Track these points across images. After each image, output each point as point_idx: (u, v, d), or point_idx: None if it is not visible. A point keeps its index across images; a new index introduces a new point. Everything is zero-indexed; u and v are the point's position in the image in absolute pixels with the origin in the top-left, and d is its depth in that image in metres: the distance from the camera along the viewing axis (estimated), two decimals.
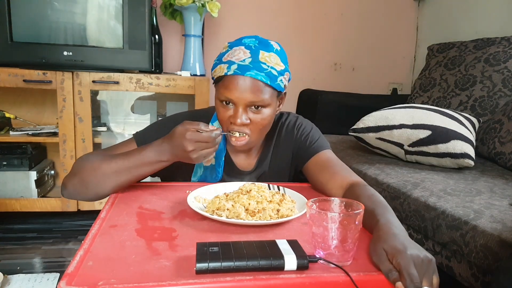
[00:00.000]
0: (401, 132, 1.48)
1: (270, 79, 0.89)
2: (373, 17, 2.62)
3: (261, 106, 0.90)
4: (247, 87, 0.87)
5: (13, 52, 1.77)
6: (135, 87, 1.89)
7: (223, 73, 0.89)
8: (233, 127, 0.92)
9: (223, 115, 0.92)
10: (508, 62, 1.73)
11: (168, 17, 2.11)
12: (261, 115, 0.91)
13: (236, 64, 0.88)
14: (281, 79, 0.92)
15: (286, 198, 0.82)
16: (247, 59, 0.88)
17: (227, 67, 0.89)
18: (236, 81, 0.87)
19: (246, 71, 0.87)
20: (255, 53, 0.89)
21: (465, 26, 2.27)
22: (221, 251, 0.58)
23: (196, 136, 0.81)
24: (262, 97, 0.89)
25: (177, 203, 0.85)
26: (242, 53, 0.89)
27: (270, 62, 0.90)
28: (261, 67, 0.88)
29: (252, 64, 0.88)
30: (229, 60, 0.90)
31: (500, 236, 0.90)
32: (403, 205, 1.23)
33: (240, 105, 0.89)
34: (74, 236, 1.87)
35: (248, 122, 0.91)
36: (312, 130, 1.07)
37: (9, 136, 1.89)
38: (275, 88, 0.91)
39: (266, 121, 0.93)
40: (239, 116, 0.89)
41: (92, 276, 0.54)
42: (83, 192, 0.89)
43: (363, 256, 0.65)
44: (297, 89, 2.33)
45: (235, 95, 0.88)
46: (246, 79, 0.87)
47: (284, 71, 0.93)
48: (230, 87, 0.88)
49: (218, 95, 0.93)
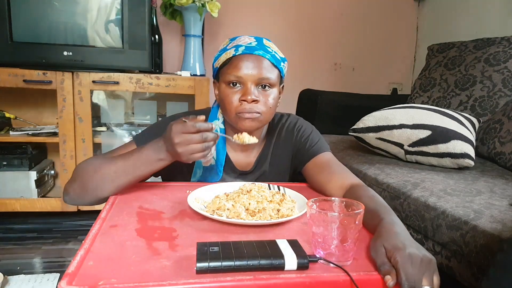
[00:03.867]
0: (401, 132, 1.48)
1: (275, 60, 0.95)
2: (373, 17, 2.63)
3: (268, 85, 0.94)
4: (256, 65, 0.92)
5: (13, 52, 1.77)
6: (135, 87, 1.89)
7: (231, 55, 0.93)
8: (244, 107, 0.92)
9: (232, 98, 0.93)
10: (508, 62, 1.73)
11: (168, 17, 2.11)
12: (268, 94, 0.94)
13: (244, 46, 0.93)
14: (283, 65, 0.99)
15: (286, 198, 0.82)
16: (253, 42, 0.95)
17: (234, 50, 0.94)
18: (246, 59, 0.92)
19: (254, 51, 0.93)
20: (259, 40, 0.97)
21: (465, 26, 2.27)
22: (221, 251, 0.58)
23: (182, 127, 0.80)
24: (270, 75, 0.93)
25: (177, 203, 0.85)
26: (247, 39, 0.96)
27: (272, 47, 0.97)
28: (267, 49, 0.95)
29: (258, 46, 0.94)
30: (236, 45, 0.95)
31: (500, 236, 0.90)
32: (403, 205, 1.23)
33: (249, 81, 0.92)
34: (74, 236, 1.87)
35: (258, 99, 0.93)
36: (312, 132, 1.07)
37: (9, 136, 1.89)
38: (279, 71, 0.97)
39: (273, 101, 0.96)
40: (250, 93, 0.92)
41: (92, 276, 0.54)
42: (84, 196, 0.88)
43: (363, 256, 0.65)
44: (297, 89, 2.32)
45: (244, 72, 0.91)
46: (254, 57, 0.92)
47: (284, 59, 1.00)
48: (240, 65, 0.92)
49: (225, 78, 0.94)
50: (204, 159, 0.87)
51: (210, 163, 1.01)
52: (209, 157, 1.00)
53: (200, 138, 0.80)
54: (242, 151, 1.05)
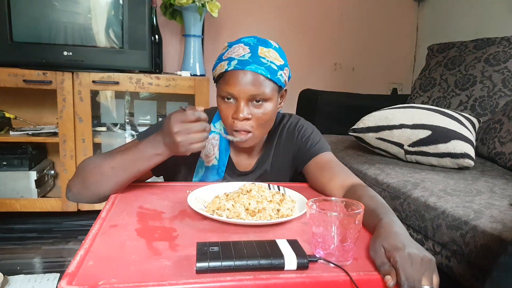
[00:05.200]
0: (401, 132, 1.48)
1: (270, 73, 0.90)
2: (373, 17, 2.63)
3: (262, 99, 0.91)
4: (248, 81, 0.88)
5: (13, 52, 1.77)
6: (135, 87, 1.89)
7: (224, 70, 0.91)
8: (236, 124, 0.91)
9: (226, 113, 0.92)
10: (508, 62, 1.73)
11: (168, 17, 2.11)
12: (262, 109, 0.92)
13: (236, 60, 0.89)
14: (281, 74, 0.93)
15: (286, 198, 0.82)
16: (247, 54, 0.90)
17: (227, 64, 0.90)
18: (237, 76, 0.89)
19: (246, 65, 0.88)
20: (254, 49, 0.91)
21: (465, 26, 2.28)
22: (221, 251, 0.58)
23: (181, 116, 0.79)
24: (263, 90, 0.89)
25: (177, 203, 0.85)
26: (241, 50, 0.91)
27: (269, 57, 0.91)
28: (261, 61, 0.90)
29: (251, 59, 0.89)
30: (229, 57, 0.91)
31: (500, 236, 0.90)
32: (403, 205, 1.23)
33: (241, 99, 0.89)
34: (74, 236, 1.87)
35: (250, 116, 0.91)
36: (313, 132, 1.07)
37: (9, 136, 1.89)
38: (275, 82, 0.92)
39: (268, 115, 0.93)
40: (241, 110, 0.89)
41: (92, 276, 0.54)
42: (84, 193, 0.88)
43: (363, 256, 0.65)
44: (297, 89, 2.33)
45: (236, 89, 0.89)
46: (247, 73, 0.88)
47: (283, 66, 0.94)
48: (231, 81, 0.89)
49: (219, 92, 0.93)
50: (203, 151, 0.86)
51: (212, 163, 1.01)
52: (211, 157, 1.00)
53: (200, 127, 0.80)
54: (244, 152, 1.05)
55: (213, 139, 1.02)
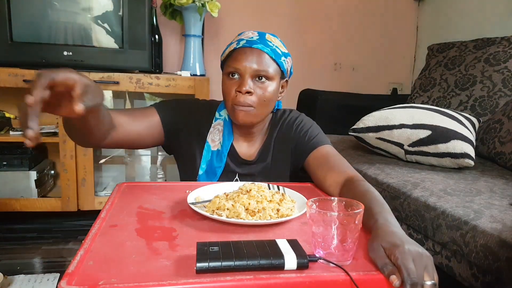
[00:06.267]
0: (401, 132, 1.48)
1: (275, 54, 0.98)
2: (373, 17, 2.63)
3: (265, 77, 0.97)
4: (254, 58, 0.96)
5: (13, 52, 1.77)
6: (135, 87, 1.89)
7: (233, 48, 0.99)
8: (239, 98, 0.96)
9: (229, 88, 0.98)
10: (508, 62, 1.73)
11: (168, 17, 2.11)
12: (264, 87, 0.98)
13: (245, 40, 0.99)
14: (284, 60, 1.01)
15: (286, 198, 0.82)
16: (255, 37, 0.99)
17: (236, 43, 0.99)
18: (244, 52, 0.97)
19: (254, 44, 0.97)
20: (262, 34, 1.01)
21: (465, 26, 2.28)
22: (221, 251, 0.58)
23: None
24: (267, 68, 0.97)
25: (177, 203, 0.85)
26: (250, 33, 1.01)
27: (274, 42, 1.01)
28: (267, 43, 0.99)
29: (259, 40, 0.98)
30: (238, 39, 1.00)
31: (500, 236, 0.90)
32: (403, 205, 1.23)
33: (246, 73, 0.96)
34: (74, 236, 1.87)
35: (252, 91, 0.96)
36: (312, 127, 1.10)
37: (9, 136, 1.89)
38: (278, 65, 0.99)
39: (269, 95, 0.98)
40: (245, 84, 0.95)
41: (92, 276, 0.54)
42: None
43: (363, 255, 0.65)
44: (297, 89, 2.33)
45: (242, 64, 0.96)
46: (253, 51, 0.97)
47: (286, 54, 1.02)
48: (238, 57, 0.97)
49: (226, 69, 1.00)
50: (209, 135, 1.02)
51: (216, 148, 1.06)
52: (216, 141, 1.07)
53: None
54: (245, 141, 1.09)
55: (218, 125, 1.08)
